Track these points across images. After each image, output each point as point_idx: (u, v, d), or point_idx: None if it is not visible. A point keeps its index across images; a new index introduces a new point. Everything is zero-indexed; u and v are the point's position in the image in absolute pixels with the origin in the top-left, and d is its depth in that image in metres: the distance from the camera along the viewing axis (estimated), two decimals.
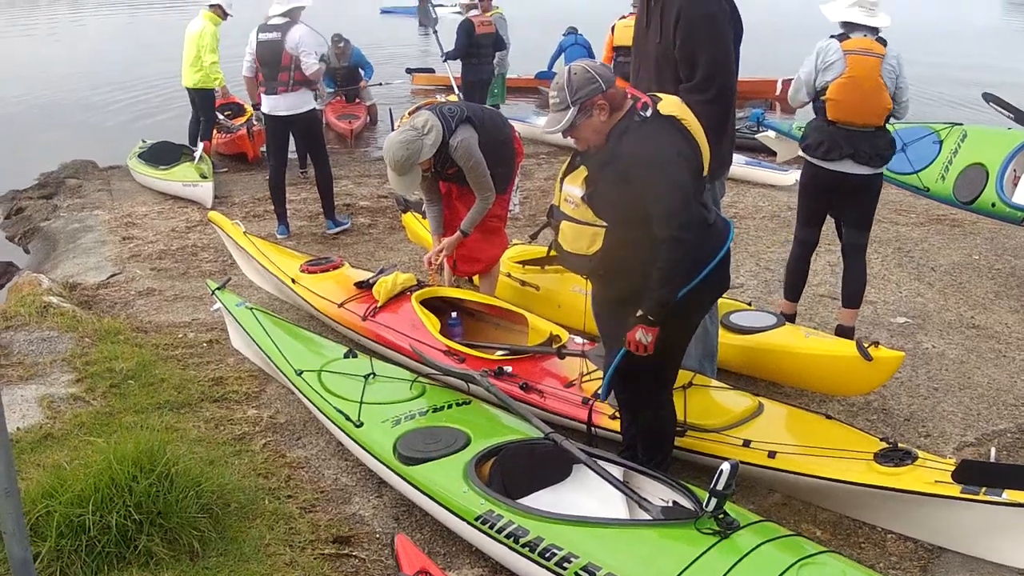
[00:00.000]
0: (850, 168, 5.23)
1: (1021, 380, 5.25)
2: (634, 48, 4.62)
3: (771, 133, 9.89)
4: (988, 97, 7.51)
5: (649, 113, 3.45)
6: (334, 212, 8.13)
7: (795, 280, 5.71)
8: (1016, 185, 6.68)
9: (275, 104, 7.71)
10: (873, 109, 5.19)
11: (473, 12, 11.02)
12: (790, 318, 5.42)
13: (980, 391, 5.11)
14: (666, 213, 3.36)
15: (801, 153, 5.44)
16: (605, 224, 3.44)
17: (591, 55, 14.48)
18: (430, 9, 11.00)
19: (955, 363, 5.44)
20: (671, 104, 3.52)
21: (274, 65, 7.57)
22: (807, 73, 5.27)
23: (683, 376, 4.19)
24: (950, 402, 4.97)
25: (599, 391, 4.03)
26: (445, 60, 11.01)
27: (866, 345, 4.44)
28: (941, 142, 7.10)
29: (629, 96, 3.52)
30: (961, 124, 7.35)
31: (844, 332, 5.44)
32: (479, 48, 10.69)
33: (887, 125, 5.26)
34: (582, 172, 3.50)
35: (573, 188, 3.51)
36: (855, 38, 5.21)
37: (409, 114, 5.54)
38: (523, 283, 5.78)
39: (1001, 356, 5.56)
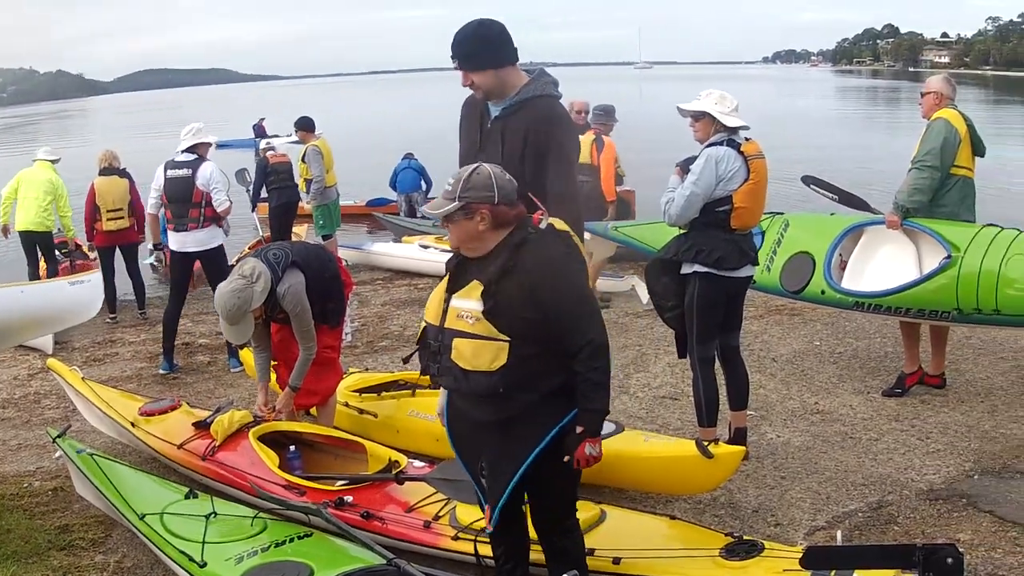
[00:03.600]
0: (748, 272, 5.13)
1: (868, 459, 5.29)
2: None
3: (585, 235, 9.77)
4: (808, 180, 7.25)
5: (544, 226, 3.37)
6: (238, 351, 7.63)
7: (716, 404, 5.23)
8: (844, 271, 6.64)
9: (184, 240, 7.57)
10: (762, 210, 5.18)
11: (270, 152, 12.72)
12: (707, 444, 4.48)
13: (828, 474, 5.11)
14: (581, 320, 3.27)
15: (698, 268, 5.02)
16: (508, 338, 3.24)
17: (424, 178, 15.49)
18: (244, 174, 12.77)
19: (801, 450, 5.46)
20: (559, 222, 3.44)
21: (184, 202, 7.47)
22: (705, 186, 4.91)
23: None
24: (798, 489, 4.96)
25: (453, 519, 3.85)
26: (253, 207, 12.90)
27: (706, 443, 4.40)
28: (763, 233, 6.84)
29: (523, 213, 3.39)
30: (782, 213, 7.12)
31: (740, 435, 5.28)
32: (278, 176, 12.12)
33: None
34: (476, 286, 3.29)
35: (469, 303, 3.28)
36: (746, 142, 5.04)
37: (237, 260, 5.50)
38: (361, 411, 5.73)
39: (847, 438, 5.61)
